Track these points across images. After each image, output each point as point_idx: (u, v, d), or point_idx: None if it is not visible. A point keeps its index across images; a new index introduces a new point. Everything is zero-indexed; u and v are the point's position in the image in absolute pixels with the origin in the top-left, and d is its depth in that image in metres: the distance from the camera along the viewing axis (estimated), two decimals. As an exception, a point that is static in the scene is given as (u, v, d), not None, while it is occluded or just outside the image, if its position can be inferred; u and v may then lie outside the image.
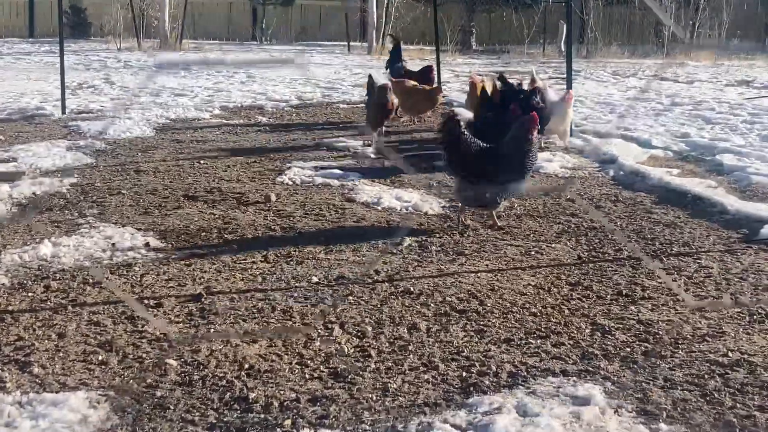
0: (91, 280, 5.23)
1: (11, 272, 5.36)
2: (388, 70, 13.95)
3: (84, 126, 11.50)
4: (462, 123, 6.49)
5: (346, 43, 31.55)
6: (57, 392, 3.69)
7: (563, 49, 21.79)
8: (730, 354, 4.11)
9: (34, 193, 7.52)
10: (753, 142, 10.43)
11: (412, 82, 11.69)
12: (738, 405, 3.61)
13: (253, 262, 5.62)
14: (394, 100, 10.36)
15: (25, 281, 5.20)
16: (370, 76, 10.97)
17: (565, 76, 11.76)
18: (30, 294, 4.98)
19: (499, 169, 6.19)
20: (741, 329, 4.44)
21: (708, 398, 3.66)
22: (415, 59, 22.65)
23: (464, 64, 25.07)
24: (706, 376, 3.87)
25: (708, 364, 4.00)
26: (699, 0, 29.59)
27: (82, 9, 34.24)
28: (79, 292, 5.02)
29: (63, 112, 12.86)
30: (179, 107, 13.79)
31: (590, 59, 26.94)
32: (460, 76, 20.37)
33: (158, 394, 3.72)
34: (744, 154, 9.48)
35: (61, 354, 4.13)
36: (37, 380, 3.83)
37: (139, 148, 10.01)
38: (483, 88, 9.73)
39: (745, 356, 4.08)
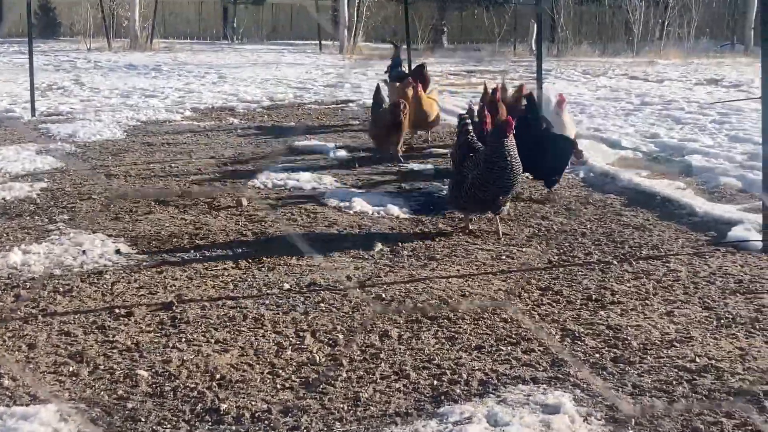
0: (61, 289, 5.21)
1: (-20, 279, 5.34)
2: (388, 75, 13.52)
3: (54, 129, 11.45)
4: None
5: (317, 42, 31.50)
6: (27, 405, 3.67)
7: (534, 47, 21.86)
8: (697, 360, 4.15)
9: (3, 199, 7.47)
10: (722, 142, 10.52)
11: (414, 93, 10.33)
12: (705, 411, 3.64)
13: (225, 269, 5.61)
14: (405, 118, 9.19)
15: (-6, 289, 5.19)
16: (377, 89, 10.14)
17: (535, 75, 11.79)
18: (0, 304, 4.95)
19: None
20: (708, 334, 4.48)
21: (676, 405, 3.70)
22: (386, 59, 22.65)
23: (436, 63, 25.09)
24: (674, 383, 3.91)
25: (676, 370, 4.04)
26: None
27: (51, 8, 34.01)
28: (49, 301, 5.00)
29: (33, 115, 12.77)
30: (150, 109, 13.74)
31: (561, 58, 27.07)
32: (432, 75, 20.37)
33: (129, 405, 3.71)
34: (712, 154, 9.56)
35: (32, 365, 4.11)
36: (7, 393, 3.81)
37: (110, 152, 9.96)
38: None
39: (713, 362, 4.12)
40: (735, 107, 13.79)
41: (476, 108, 8.42)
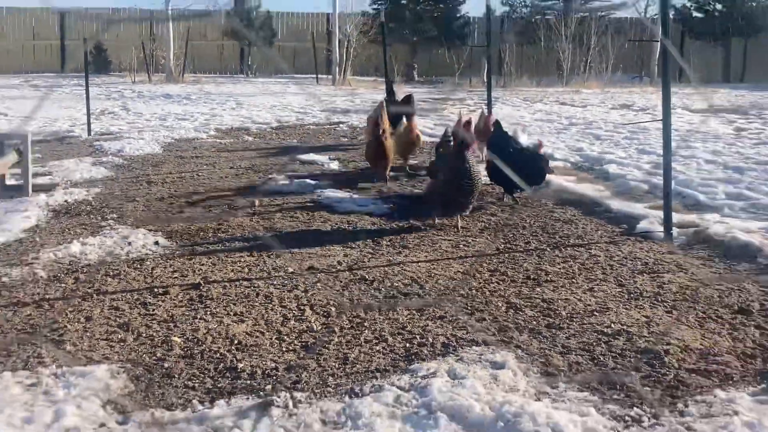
0: (111, 273, 5.18)
1: (47, 267, 5.30)
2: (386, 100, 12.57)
3: (105, 145, 11.36)
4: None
5: (315, 76, 31.40)
6: (85, 365, 3.66)
7: (485, 80, 21.87)
8: (612, 326, 4.16)
9: (66, 201, 7.43)
10: (632, 154, 10.54)
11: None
12: (619, 366, 3.66)
13: (241, 256, 5.59)
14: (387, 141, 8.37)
15: (59, 274, 5.15)
16: (378, 107, 9.55)
17: (486, 101, 11.79)
18: (63, 285, 4.92)
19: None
20: (621, 306, 4.50)
21: (595, 361, 3.72)
22: (369, 89, 22.62)
23: (408, 92, 25.05)
24: (594, 344, 3.92)
25: (596, 334, 4.05)
26: (590, 41, 29.80)
27: (104, 49, 33.75)
28: (102, 282, 4.97)
29: (89, 134, 12.68)
30: (182, 129, 13.66)
31: (507, 88, 27.03)
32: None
33: (166, 365, 3.70)
34: (625, 164, 9.59)
35: (88, 334, 4.09)
36: (69, 355, 3.79)
37: (150, 163, 9.91)
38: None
39: (624, 327, 4.14)
40: (642, 127, 13.84)
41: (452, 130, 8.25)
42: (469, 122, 8.40)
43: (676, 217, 6.37)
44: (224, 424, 3.08)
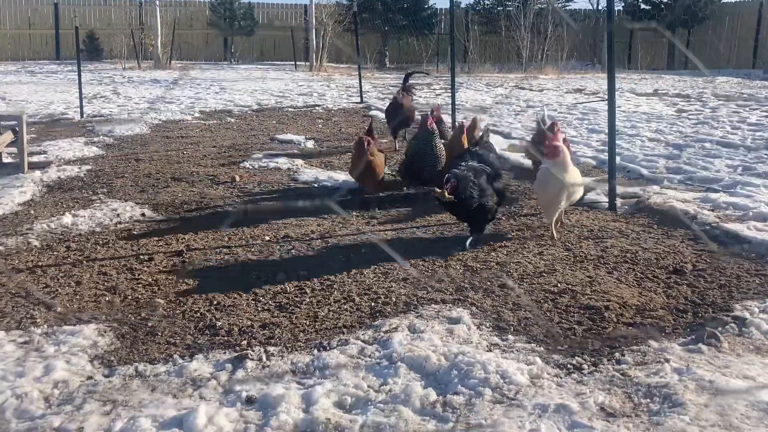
0: (101, 242, 5.15)
1: (41, 237, 5.25)
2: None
3: (97, 127, 11.23)
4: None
5: (293, 63, 31.15)
6: (74, 325, 3.66)
7: (449, 66, 21.81)
8: (559, 285, 4.21)
9: (59, 177, 7.35)
10: (582, 133, 10.60)
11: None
12: (563, 321, 3.72)
13: (222, 226, 5.58)
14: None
15: (51, 243, 5.11)
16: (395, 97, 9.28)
17: (450, 86, 11.78)
18: (55, 253, 4.89)
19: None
20: (568, 268, 4.55)
21: (542, 316, 3.77)
22: (344, 75, 22.52)
23: (380, 77, 24.95)
24: (542, 301, 3.97)
25: (544, 293, 4.10)
26: (547, 31, 29.82)
27: (96, 38, 33.12)
28: (91, 250, 4.95)
29: (81, 116, 12.50)
30: (169, 111, 13.51)
31: (470, 74, 26.98)
32: (377, 87, 20.27)
33: (150, 324, 3.70)
34: (576, 142, 9.63)
35: (78, 297, 4.08)
36: (59, 316, 3.78)
37: (139, 143, 9.81)
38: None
39: (570, 286, 4.19)
40: (592, 108, 13.91)
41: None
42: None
43: (620, 189, 6.43)
44: (202, 376, 3.09)
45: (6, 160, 7.87)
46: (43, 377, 3.06)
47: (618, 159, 7.54)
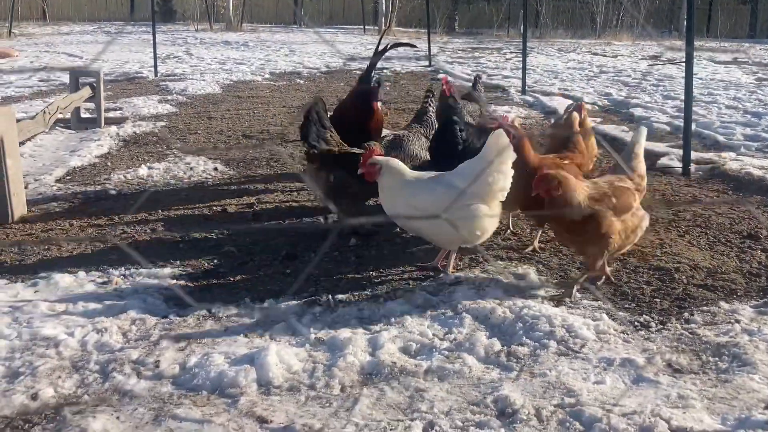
0: (175, 192, 5.31)
1: (118, 186, 5.44)
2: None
3: (171, 85, 11.46)
4: None
5: (362, 27, 31.10)
6: (150, 268, 3.79)
7: (522, 31, 21.46)
8: (627, 247, 4.16)
9: (134, 132, 7.56)
10: (657, 99, 10.33)
11: None
12: (631, 281, 3.69)
13: (291, 182, 5.67)
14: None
15: (127, 192, 5.29)
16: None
17: (521, 51, 11.62)
18: (131, 202, 5.06)
19: None
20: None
21: (609, 276, 3.73)
22: (412, 38, 22.37)
23: (449, 42, 24.71)
24: (610, 261, 3.92)
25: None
26: (623, -5, 29.00)
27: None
28: (166, 200, 5.10)
29: (155, 75, 12.79)
30: (240, 72, 13.69)
31: (542, 39, 26.46)
32: (445, 51, 20.09)
33: (221, 270, 3.81)
34: (650, 108, 9.42)
35: (154, 243, 4.23)
36: (137, 260, 3.93)
37: (210, 101, 9.99)
38: None
39: (639, 248, 4.10)
40: (668, 74, 13.54)
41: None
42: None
43: (694, 155, 6.27)
44: (273, 318, 3.19)
45: (84, 115, 8.13)
46: (121, 314, 3.20)
47: (693, 126, 7.34)
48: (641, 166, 3.89)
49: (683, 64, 6.04)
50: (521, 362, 2.84)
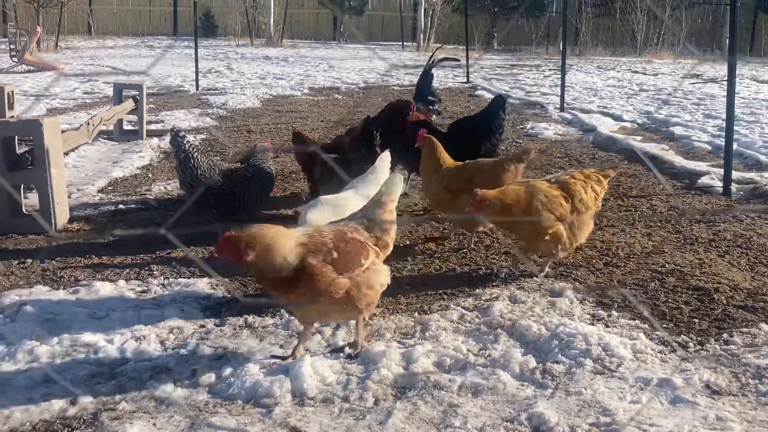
0: (213, 205, 5.37)
1: (158, 197, 5.53)
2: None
3: (211, 99, 11.63)
4: None
5: (401, 43, 31.25)
6: (189, 278, 3.84)
7: (561, 48, 21.36)
8: (667, 266, 4.12)
9: (175, 145, 7.67)
10: (698, 118, 10.21)
11: None
12: (670, 300, 3.64)
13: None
14: None
15: (167, 204, 5.37)
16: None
17: (560, 68, 11.58)
18: (170, 212, 5.14)
19: None
20: (676, 249, 4.44)
21: (648, 295, 3.70)
22: (450, 55, 22.36)
23: (487, 59, 24.72)
24: (648, 280, 3.90)
25: (650, 272, 4.02)
26: (665, 13, 28.72)
27: (211, 15, 34.23)
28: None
29: (197, 89, 12.99)
30: (279, 87, 13.84)
31: (581, 57, 26.34)
32: (484, 68, 20.09)
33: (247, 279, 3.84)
34: (690, 126, 9.31)
35: (196, 253, 4.28)
36: (174, 271, 3.98)
37: (250, 115, 10.11)
38: None
39: (678, 267, 4.09)
40: (709, 94, 13.37)
41: None
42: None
43: (735, 174, 6.19)
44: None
45: (126, 127, 8.28)
46: (159, 323, 3.25)
47: (735, 145, 7.23)
48: (390, 217, 3.15)
49: (725, 83, 5.96)
50: (556, 380, 2.82)
